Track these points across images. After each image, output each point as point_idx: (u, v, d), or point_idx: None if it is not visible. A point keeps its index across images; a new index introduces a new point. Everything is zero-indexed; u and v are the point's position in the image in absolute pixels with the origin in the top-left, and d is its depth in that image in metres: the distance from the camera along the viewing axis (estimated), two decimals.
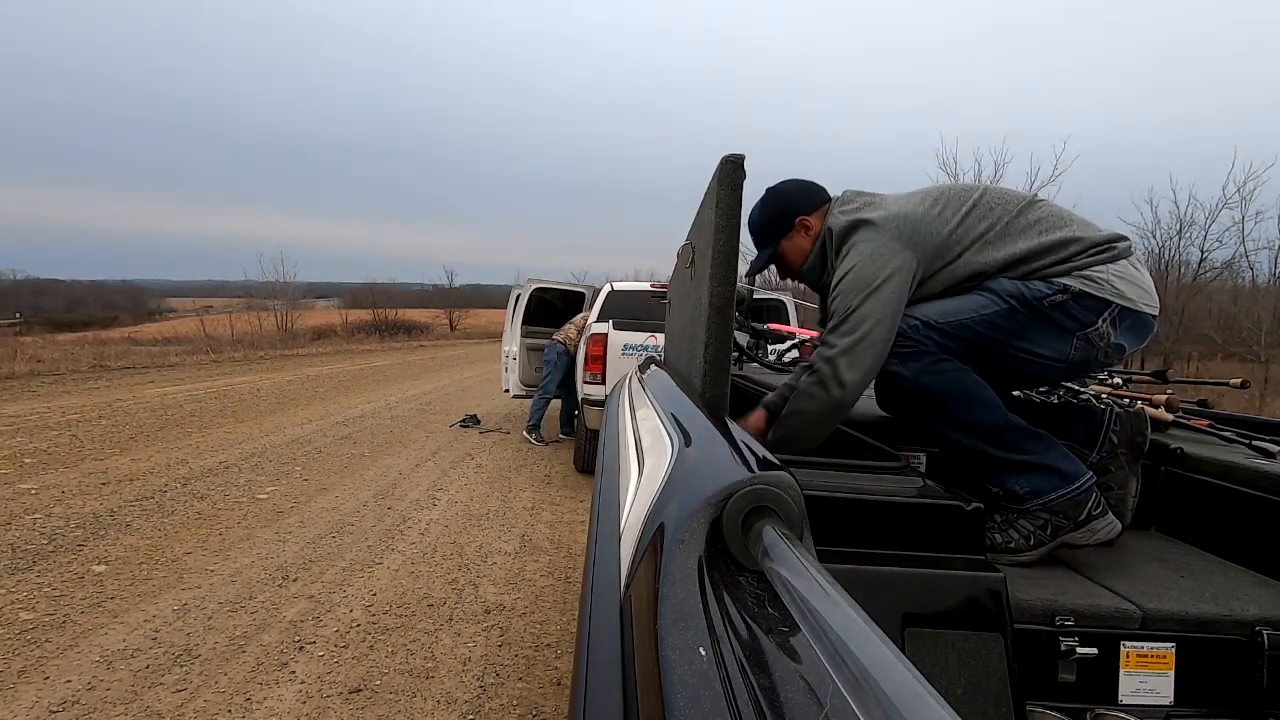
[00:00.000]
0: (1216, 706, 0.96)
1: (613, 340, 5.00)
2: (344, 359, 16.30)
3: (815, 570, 0.40)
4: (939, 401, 1.21)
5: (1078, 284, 1.18)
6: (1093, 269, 1.19)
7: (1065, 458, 1.19)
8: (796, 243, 1.43)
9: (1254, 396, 11.15)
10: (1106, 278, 1.18)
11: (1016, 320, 1.20)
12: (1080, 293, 1.17)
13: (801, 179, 1.48)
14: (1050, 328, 1.19)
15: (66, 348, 14.56)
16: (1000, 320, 1.20)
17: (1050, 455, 1.18)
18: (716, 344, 1.02)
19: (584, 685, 0.46)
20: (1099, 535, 1.17)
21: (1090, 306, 1.18)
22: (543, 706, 2.11)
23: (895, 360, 1.21)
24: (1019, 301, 1.19)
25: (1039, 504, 1.16)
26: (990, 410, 1.19)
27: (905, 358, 1.20)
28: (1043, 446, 1.19)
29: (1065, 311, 1.18)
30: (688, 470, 0.65)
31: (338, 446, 5.82)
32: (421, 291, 54.66)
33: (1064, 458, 1.19)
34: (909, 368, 1.20)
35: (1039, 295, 1.18)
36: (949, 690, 0.74)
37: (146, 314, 54.75)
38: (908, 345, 1.20)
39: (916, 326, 1.21)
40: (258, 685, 2.13)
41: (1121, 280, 1.18)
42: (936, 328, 1.20)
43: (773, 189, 1.48)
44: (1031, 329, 1.20)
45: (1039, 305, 1.18)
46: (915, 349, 1.20)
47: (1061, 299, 1.18)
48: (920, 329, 1.20)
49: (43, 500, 3.90)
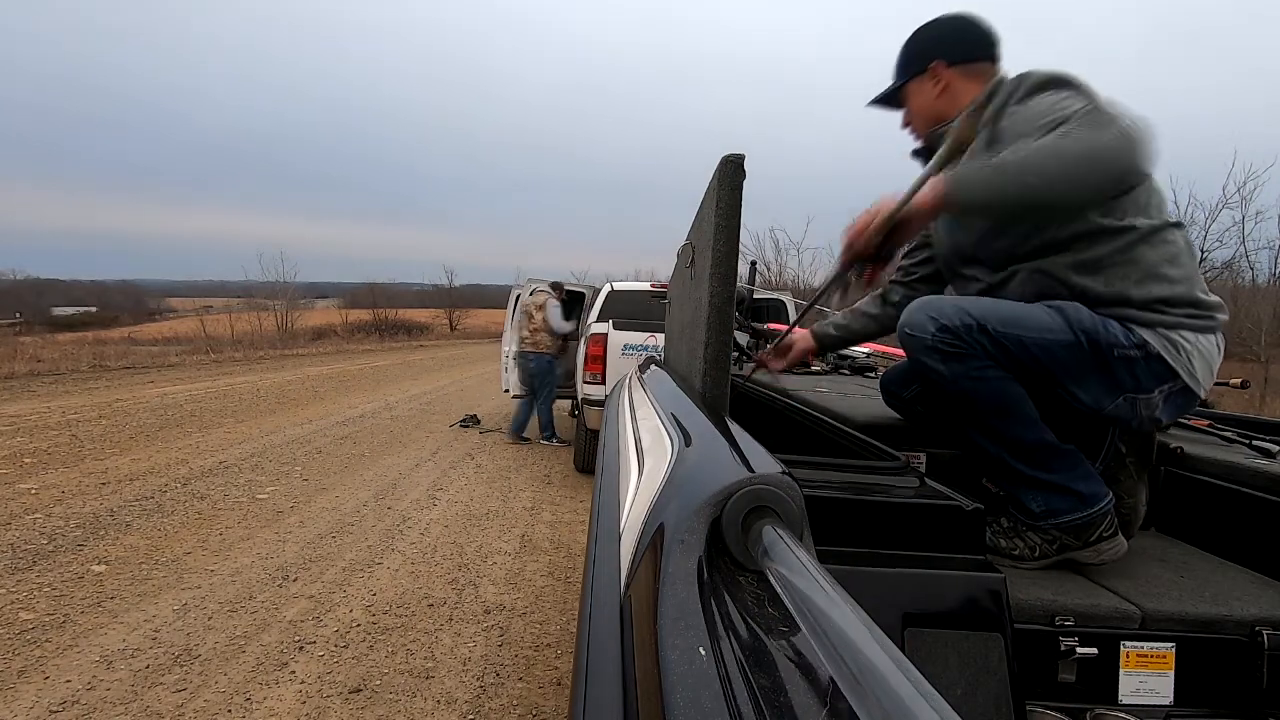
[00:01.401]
0: (1216, 706, 0.96)
1: (613, 340, 5.00)
2: (344, 359, 16.31)
3: (815, 570, 0.40)
4: (974, 408, 1.11)
5: (1157, 344, 1.04)
6: (1181, 333, 1.05)
7: (1087, 478, 1.12)
8: (925, 89, 1.22)
9: (1254, 396, 11.15)
10: (1190, 348, 1.05)
11: (1077, 358, 1.07)
12: (1156, 355, 1.04)
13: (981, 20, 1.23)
14: (1105, 378, 1.08)
15: (66, 348, 14.56)
16: (1060, 352, 1.07)
17: (1073, 476, 1.10)
18: (716, 344, 1.02)
19: (584, 685, 0.46)
20: (1104, 556, 1.12)
21: (1157, 373, 1.06)
22: (543, 706, 2.11)
23: (937, 356, 1.09)
24: (1088, 339, 1.06)
25: (1053, 524, 1.11)
26: (1026, 426, 1.10)
27: (949, 357, 1.08)
28: (1069, 465, 1.11)
29: (1130, 369, 1.06)
30: (688, 470, 0.65)
31: (338, 446, 5.82)
32: (421, 291, 54.68)
33: (1086, 479, 1.11)
34: (950, 368, 1.08)
35: (1112, 342, 1.05)
36: (949, 690, 0.74)
37: (146, 314, 54.77)
38: (955, 345, 1.07)
39: (970, 327, 1.06)
40: (258, 685, 2.13)
41: (1201, 357, 1.06)
42: (991, 334, 1.07)
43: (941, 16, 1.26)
44: (1087, 373, 1.08)
45: (1108, 352, 1.06)
46: (961, 351, 1.07)
47: (1134, 355, 1.05)
48: (974, 330, 1.06)
49: (43, 500, 3.90)
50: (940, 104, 1.22)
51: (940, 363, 1.09)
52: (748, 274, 2.90)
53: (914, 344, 1.12)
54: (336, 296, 55.06)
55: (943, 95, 1.22)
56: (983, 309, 1.08)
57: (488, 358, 17.10)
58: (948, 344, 1.07)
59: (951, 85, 1.20)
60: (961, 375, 1.08)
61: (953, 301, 1.12)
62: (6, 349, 11.99)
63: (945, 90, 1.21)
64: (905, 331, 1.14)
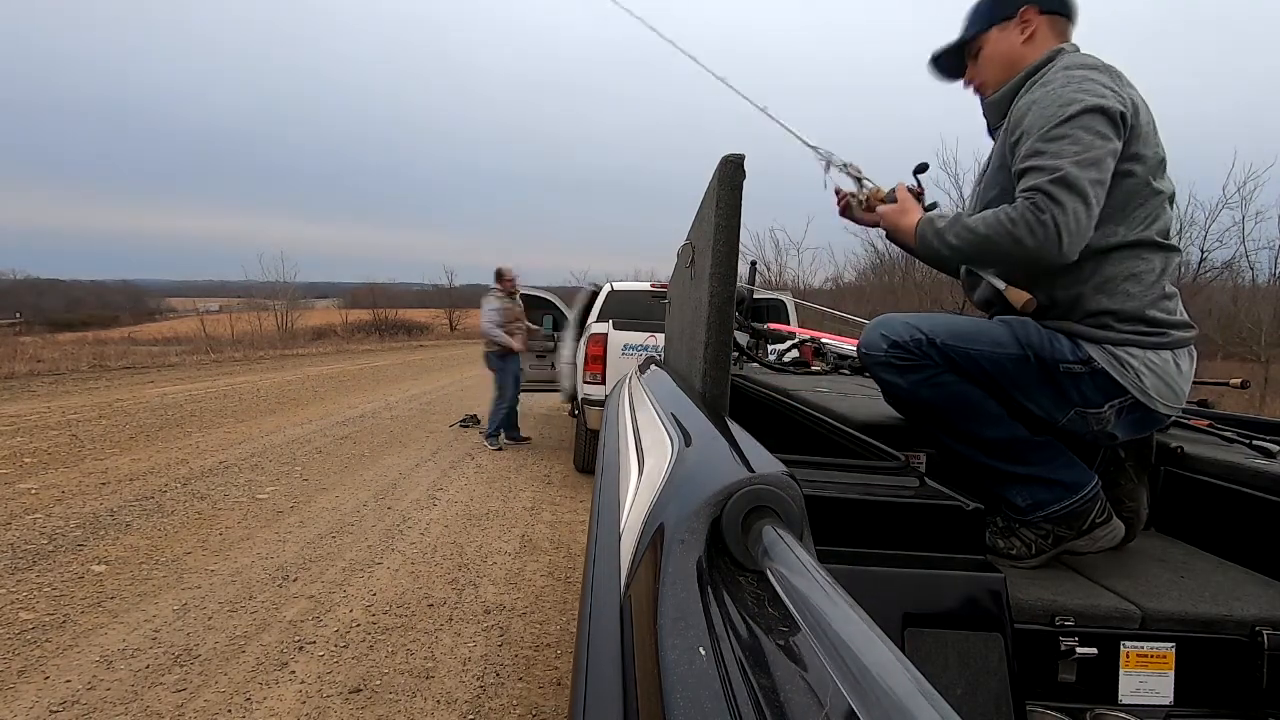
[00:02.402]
0: (1216, 706, 0.96)
1: (613, 340, 5.00)
2: (344, 359, 16.31)
3: (815, 570, 0.40)
4: (938, 414, 1.16)
5: (1102, 360, 1.07)
6: (1128, 349, 1.07)
7: (1069, 467, 1.14)
8: (1008, 37, 1.19)
9: (1254, 396, 11.15)
10: (1137, 365, 1.07)
11: (1024, 372, 1.11)
12: (1101, 371, 1.07)
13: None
14: (1053, 392, 1.11)
15: (66, 348, 14.56)
16: (1009, 365, 1.11)
17: (1053, 467, 1.13)
18: (716, 344, 1.02)
19: (584, 685, 0.46)
20: (1101, 543, 1.14)
21: (1103, 388, 1.08)
22: (542, 706, 2.11)
23: (894, 371, 1.16)
24: (1035, 355, 1.10)
25: (1041, 516, 1.13)
26: (992, 424, 1.14)
27: (904, 370, 1.15)
28: (1046, 457, 1.14)
29: (1076, 384, 1.09)
30: (688, 470, 0.65)
31: (338, 446, 5.82)
32: (421, 291, 54.66)
33: (1068, 467, 1.14)
34: (907, 379, 1.15)
35: (1058, 357, 1.09)
36: (949, 690, 0.74)
37: (146, 314, 54.77)
38: (907, 358, 1.14)
39: (920, 340, 1.13)
40: (258, 685, 2.13)
41: (1151, 373, 1.07)
42: (939, 347, 1.13)
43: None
44: (1034, 386, 1.12)
45: (1053, 367, 1.09)
46: (914, 363, 1.14)
47: (1079, 370, 1.08)
48: (923, 344, 1.13)
49: (43, 500, 3.90)
50: (1025, 50, 1.18)
51: (897, 376, 1.16)
52: (748, 274, 2.90)
53: (870, 361, 1.20)
54: (336, 296, 55.05)
55: (1028, 42, 1.19)
56: (932, 324, 1.15)
57: None
58: (900, 359, 1.14)
59: (1038, 32, 1.18)
60: (919, 384, 1.14)
61: (903, 319, 1.19)
62: (6, 349, 11.99)
63: (1031, 37, 1.18)
64: (862, 351, 1.22)
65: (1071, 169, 0.99)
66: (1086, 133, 1.01)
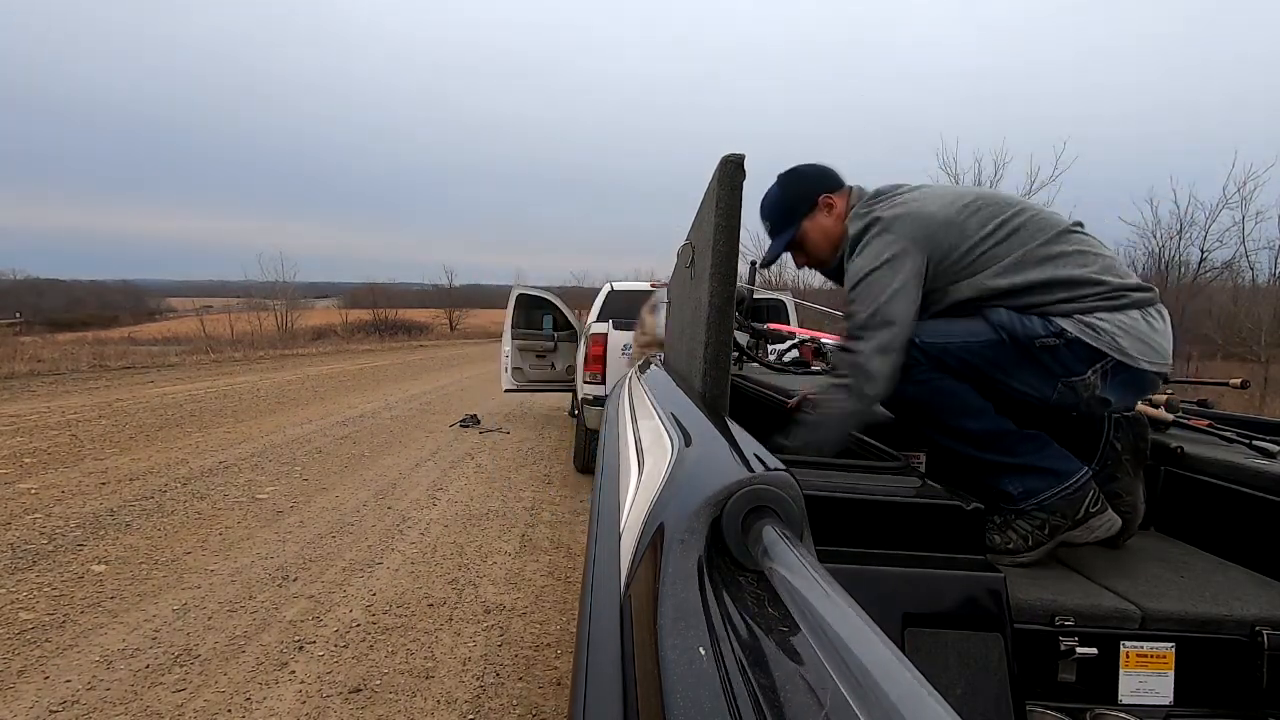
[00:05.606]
0: (1216, 706, 0.96)
1: (613, 340, 5.00)
2: (344, 359, 16.31)
3: (815, 570, 0.40)
4: (923, 411, 1.21)
5: (1075, 330, 1.12)
6: (1097, 315, 1.13)
7: (1059, 456, 1.18)
8: (819, 223, 1.37)
9: (1254, 396, 11.15)
10: (1109, 328, 1.12)
11: (1003, 354, 1.16)
12: (1075, 340, 1.12)
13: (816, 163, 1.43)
14: (1036, 368, 1.15)
15: (66, 347, 14.55)
16: (987, 351, 1.16)
17: (1043, 455, 1.17)
18: (716, 344, 1.02)
19: (584, 685, 0.46)
20: (1097, 533, 1.16)
21: (1082, 356, 1.13)
22: (543, 706, 2.11)
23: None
24: (1009, 335, 1.15)
25: (1034, 504, 1.16)
26: (977, 417, 1.18)
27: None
28: (1036, 447, 1.18)
29: (1055, 356, 1.14)
30: (688, 470, 0.65)
31: (338, 446, 5.82)
32: (421, 291, 54.63)
33: (1058, 456, 1.18)
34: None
35: (1031, 334, 1.14)
36: (949, 690, 0.74)
37: (146, 314, 54.76)
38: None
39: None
40: (257, 685, 2.13)
41: (1125, 334, 1.12)
42: (920, 346, 1.18)
43: (792, 168, 1.43)
44: (1016, 366, 1.16)
45: (1029, 344, 1.14)
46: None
47: (1054, 343, 1.13)
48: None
49: (42, 500, 3.90)
50: (839, 226, 1.36)
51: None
52: (748, 274, 2.89)
53: None
54: (336, 296, 55.02)
55: (837, 219, 1.37)
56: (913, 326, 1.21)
57: (488, 357, 17.10)
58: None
59: (837, 206, 1.37)
60: (904, 383, 1.18)
61: None
62: (6, 349, 11.98)
63: (834, 212, 1.38)
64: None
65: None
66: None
